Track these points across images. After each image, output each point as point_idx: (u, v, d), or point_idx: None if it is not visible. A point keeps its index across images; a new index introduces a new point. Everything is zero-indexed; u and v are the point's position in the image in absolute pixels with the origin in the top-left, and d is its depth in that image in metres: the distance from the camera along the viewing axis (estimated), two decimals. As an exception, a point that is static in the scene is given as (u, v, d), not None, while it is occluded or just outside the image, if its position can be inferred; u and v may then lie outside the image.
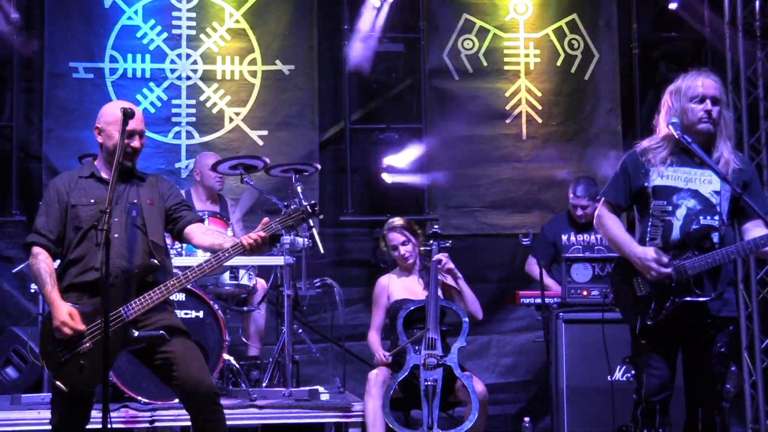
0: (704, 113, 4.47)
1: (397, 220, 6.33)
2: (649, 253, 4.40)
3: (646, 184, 4.52)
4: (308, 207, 4.47)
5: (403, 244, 6.24)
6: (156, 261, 4.46)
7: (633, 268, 4.49)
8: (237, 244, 4.40)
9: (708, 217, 4.45)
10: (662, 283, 4.40)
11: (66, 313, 4.30)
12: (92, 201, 4.49)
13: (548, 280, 6.57)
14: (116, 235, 4.44)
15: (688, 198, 4.47)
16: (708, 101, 4.48)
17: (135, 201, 4.57)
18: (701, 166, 4.50)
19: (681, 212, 4.46)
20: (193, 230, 4.65)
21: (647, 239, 4.52)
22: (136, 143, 4.58)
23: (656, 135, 4.63)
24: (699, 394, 4.48)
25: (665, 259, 4.38)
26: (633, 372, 4.59)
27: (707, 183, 4.48)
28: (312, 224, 6.84)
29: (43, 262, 4.45)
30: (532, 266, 7.06)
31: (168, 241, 4.88)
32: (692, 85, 4.52)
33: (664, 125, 4.57)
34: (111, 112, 4.59)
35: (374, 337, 6.29)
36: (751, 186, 4.53)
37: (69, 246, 4.49)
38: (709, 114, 4.47)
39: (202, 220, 4.77)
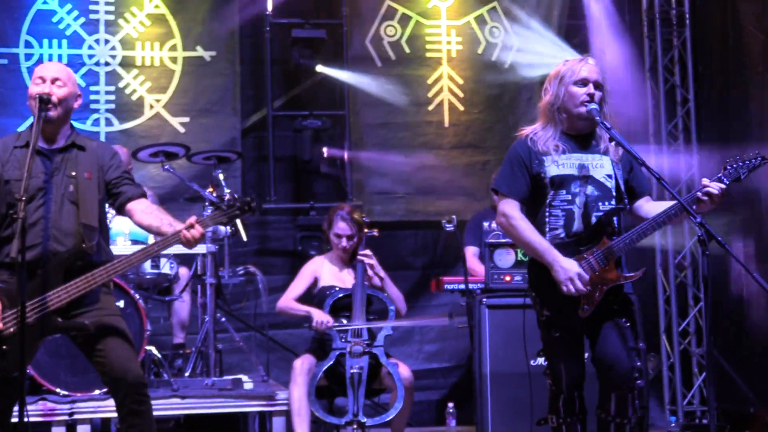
0: (586, 96, 4.45)
1: (352, 212, 6.27)
2: (573, 268, 4.34)
3: (542, 174, 4.46)
4: (244, 204, 4.29)
5: (349, 238, 6.23)
6: (86, 246, 4.26)
7: None
8: (176, 234, 4.20)
9: (606, 203, 4.45)
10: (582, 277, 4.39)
11: None
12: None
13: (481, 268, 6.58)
14: (50, 215, 4.27)
15: (585, 185, 4.45)
16: (590, 85, 4.47)
17: (73, 174, 4.36)
18: (592, 152, 4.51)
19: (580, 200, 4.44)
20: (134, 207, 4.44)
21: (547, 230, 4.46)
22: (38, 88, 4.34)
23: (539, 123, 4.60)
24: (612, 377, 4.45)
25: (587, 277, 4.34)
26: (547, 364, 4.57)
27: (600, 167, 4.48)
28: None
29: None
30: (468, 256, 6.94)
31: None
32: (574, 69, 4.50)
33: (546, 111, 4.55)
34: None
35: (291, 301, 6.22)
36: (635, 168, 4.57)
37: (1, 223, 4.29)
38: (591, 97, 4.46)
39: (144, 195, 4.53)
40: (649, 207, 4.58)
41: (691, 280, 8.01)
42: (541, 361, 5.73)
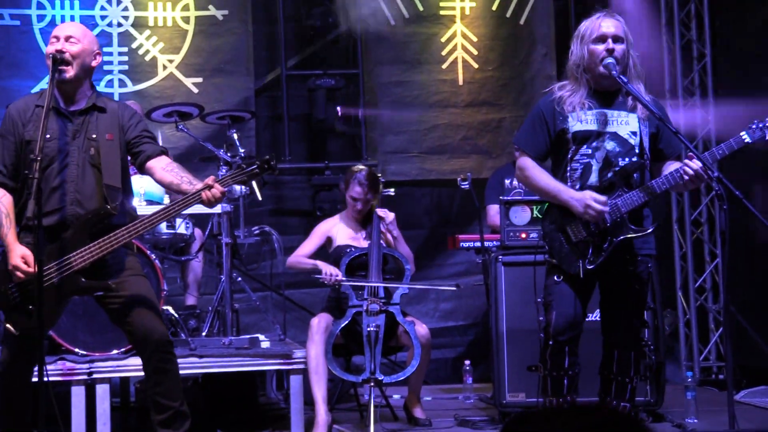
0: (605, 52, 4.44)
1: (369, 176, 6.24)
2: (586, 194, 4.39)
3: (566, 129, 4.49)
4: (264, 163, 4.24)
5: (363, 202, 6.22)
6: (109, 207, 4.27)
7: (565, 216, 4.46)
8: (196, 194, 4.20)
9: (627, 159, 4.46)
10: (597, 226, 4.41)
11: (19, 257, 4.15)
12: (48, 135, 4.25)
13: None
14: (72, 179, 4.29)
15: (607, 140, 4.46)
16: (609, 40, 4.45)
17: (94, 136, 4.36)
18: (618, 108, 4.50)
19: (600, 155, 4.46)
20: (154, 165, 4.44)
21: (567, 183, 4.50)
22: (55, 46, 4.32)
23: (567, 83, 4.60)
24: (615, 335, 4.51)
25: (603, 198, 4.38)
26: (543, 313, 4.59)
27: (624, 124, 4.48)
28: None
29: (0, 202, 4.28)
30: (491, 214, 6.91)
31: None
32: (593, 26, 4.50)
33: (573, 71, 4.54)
34: None
35: (299, 257, 6.23)
36: (663, 128, 4.55)
37: (25, 184, 4.28)
38: (610, 52, 4.43)
39: (164, 153, 4.53)
40: (673, 168, 4.53)
41: (708, 237, 7.98)
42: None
